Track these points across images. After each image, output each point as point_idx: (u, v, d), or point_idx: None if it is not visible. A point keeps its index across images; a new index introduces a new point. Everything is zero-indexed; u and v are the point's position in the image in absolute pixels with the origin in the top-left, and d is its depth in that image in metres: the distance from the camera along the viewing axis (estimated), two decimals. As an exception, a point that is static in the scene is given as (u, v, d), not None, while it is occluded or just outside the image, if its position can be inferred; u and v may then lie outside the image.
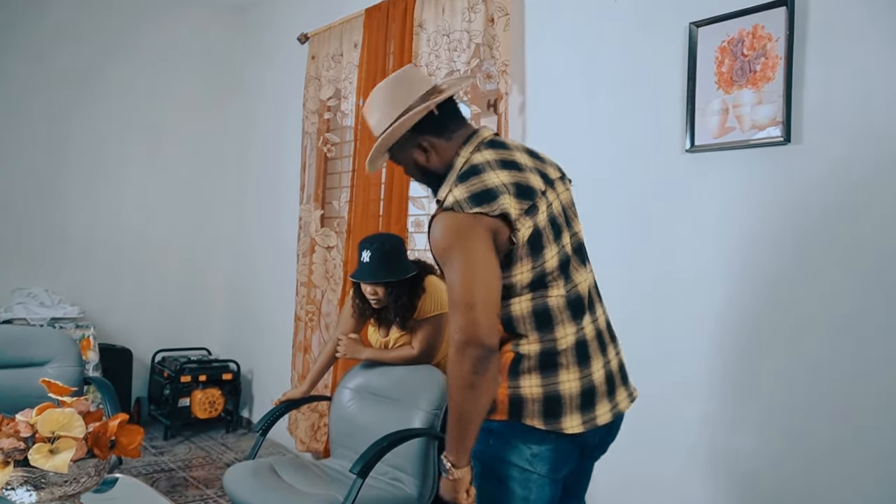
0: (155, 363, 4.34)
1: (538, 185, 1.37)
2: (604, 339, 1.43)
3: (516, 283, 1.32)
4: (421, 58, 3.01)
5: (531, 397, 1.32)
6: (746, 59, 1.92)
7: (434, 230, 1.33)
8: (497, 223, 1.28)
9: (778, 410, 1.85)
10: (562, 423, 1.32)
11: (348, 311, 2.53)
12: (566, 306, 1.36)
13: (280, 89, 4.20)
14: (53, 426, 1.53)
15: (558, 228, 1.39)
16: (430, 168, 1.43)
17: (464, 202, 1.28)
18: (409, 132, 1.40)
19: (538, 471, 1.33)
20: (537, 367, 1.33)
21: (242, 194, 4.59)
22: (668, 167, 2.10)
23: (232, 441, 4.08)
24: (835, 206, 1.75)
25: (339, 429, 2.39)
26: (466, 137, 1.42)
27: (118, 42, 4.23)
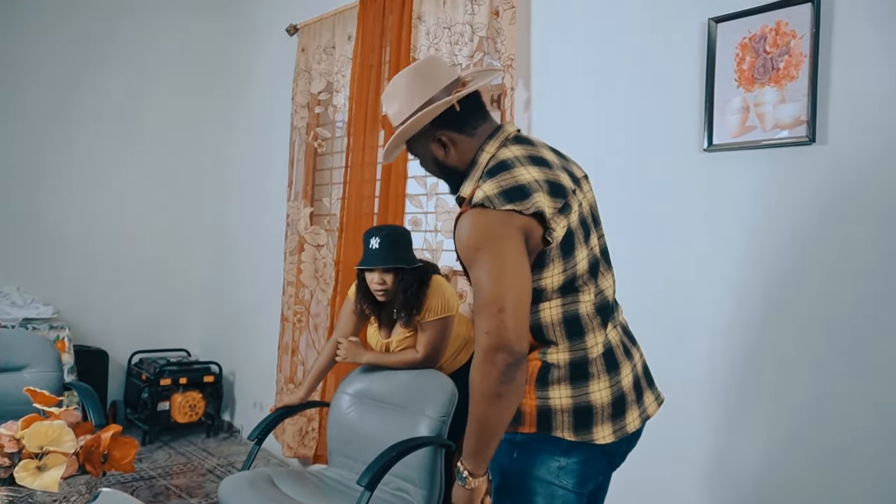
0: (132, 365, 4.17)
1: (568, 184, 1.30)
2: (626, 343, 1.38)
3: (546, 286, 1.25)
4: (420, 51, 2.91)
5: (560, 408, 1.26)
6: (769, 56, 1.87)
7: (461, 228, 1.24)
8: (530, 223, 1.20)
9: (788, 416, 1.81)
10: (593, 434, 1.26)
11: (348, 312, 2.43)
12: (595, 313, 1.30)
13: (266, 82, 4.07)
14: (42, 441, 1.40)
15: (587, 229, 1.33)
16: (448, 164, 1.36)
17: (495, 198, 1.19)
18: (428, 125, 1.33)
19: (565, 485, 1.26)
20: (567, 377, 1.26)
21: (225, 190, 4.43)
22: (685, 166, 2.05)
23: (213, 446, 3.93)
24: (862, 208, 1.71)
25: (338, 436, 2.29)
26: (490, 133, 1.35)
27: (96, 30, 4.05)
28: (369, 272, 2.22)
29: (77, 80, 4.00)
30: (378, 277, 2.19)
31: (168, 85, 4.35)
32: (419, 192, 2.90)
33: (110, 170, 4.16)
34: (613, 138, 2.24)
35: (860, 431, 1.69)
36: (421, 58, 2.89)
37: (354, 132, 3.20)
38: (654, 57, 2.14)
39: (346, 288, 3.15)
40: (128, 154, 4.22)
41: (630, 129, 2.20)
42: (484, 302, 1.18)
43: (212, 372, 4.11)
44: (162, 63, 4.32)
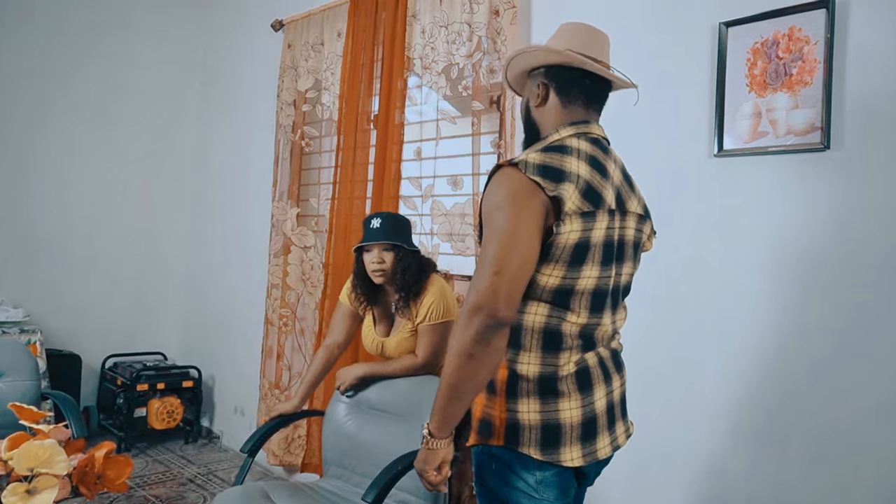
0: (105, 369, 4.01)
1: (609, 201, 1.27)
2: (608, 367, 1.32)
3: (540, 282, 1.22)
4: (415, 49, 2.84)
5: (528, 424, 1.23)
6: (781, 61, 1.85)
7: (493, 182, 1.22)
8: (549, 206, 1.19)
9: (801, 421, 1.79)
10: (560, 455, 1.22)
11: (340, 315, 2.36)
12: (579, 336, 1.26)
13: (250, 79, 3.94)
14: (32, 462, 1.30)
15: (610, 256, 1.28)
16: (532, 115, 1.39)
17: (531, 166, 1.19)
18: (546, 67, 1.36)
19: (546, 497, 1.24)
20: (536, 391, 1.23)
21: (205, 189, 4.30)
22: (695, 171, 2.02)
23: (192, 453, 3.81)
24: (877, 217, 1.69)
25: (334, 446, 2.21)
26: (575, 121, 1.34)
27: (74, 26, 3.89)
28: (368, 252, 2.17)
29: (51, 77, 3.84)
30: (377, 256, 2.14)
31: (145, 81, 4.20)
32: (414, 194, 2.83)
33: (83, 167, 3.99)
34: (620, 142, 2.19)
35: (879, 442, 1.68)
36: (416, 56, 2.82)
37: (345, 131, 3.11)
38: (663, 60, 2.11)
39: (336, 291, 3.07)
40: (102, 151, 4.06)
41: (637, 133, 2.15)
42: (484, 260, 1.17)
43: (191, 377, 3.97)
44: (139, 59, 4.17)
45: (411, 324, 2.18)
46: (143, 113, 4.20)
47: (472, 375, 1.16)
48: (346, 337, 2.37)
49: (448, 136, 2.81)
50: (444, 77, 2.73)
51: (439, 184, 2.80)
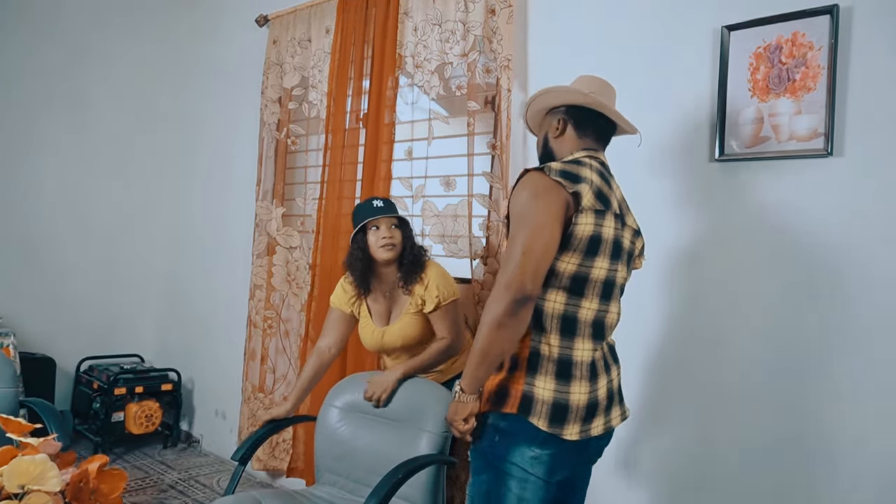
0: (80, 373, 3.89)
1: (615, 208, 1.48)
2: (608, 360, 1.53)
3: (560, 269, 1.41)
4: (407, 47, 2.79)
5: (542, 399, 1.40)
6: (784, 66, 1.85)
7: (520, 184, 1.43)
8: (569, 200, 1.39)
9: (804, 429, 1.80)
10: (563, 430, 1.40)
11: (334, 318, 2.31)
12: (591, 323, 1.45)
13: (232, 75, 3.85)
14: (23, 479, 1.23)
15: (618, 254, 1.48)
16: (550, 145, 1.61)
17: (553, 170, 1.40)
18: (566, 106, 1.59)
19: (536, 473, 1.41)
20: (554, 372, 1.42)
21: (185, 188, 4.18)
22: (696, 176, 2.01)
23: (172, 458, 3.71)
24: (881, 224, 1.70)
25: (327, 452, 2.15)
26: (586, 148, 1.57)
27: (50, 17, 3.75)
28: (374, 230, 2.13)
29: (23, 67, 3.69)
30: (386, 231, 2.12)
31: (123, 78, 4.07)
32: (405, 195, 2.79)
33: (55, 165, 3.86)
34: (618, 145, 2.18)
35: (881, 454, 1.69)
36: (408, 54, 2.78)
37: (333, 130, 3.05)
38: (664, 63, 2.10)
39: (324, 292, 3.01)
40: (76, 149, 3.92)
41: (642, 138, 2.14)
42: (514, 245, 1.36)
43: (170, 380, 3.87)
44: (117, 50, 4.04)
45: (414, 306, 2.14)
46: (121, 110, 4.07)
47: (501, 342, 1.36)
48: (338, 341, 2.32)
49: (441, 135, 2.77)
50: (436, 76, 2.69)
51: (431, 184, 2.76)
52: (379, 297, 2.24)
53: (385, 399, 2.06)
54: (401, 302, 2.20)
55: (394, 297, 2.22)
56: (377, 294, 2.24)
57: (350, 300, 2.27)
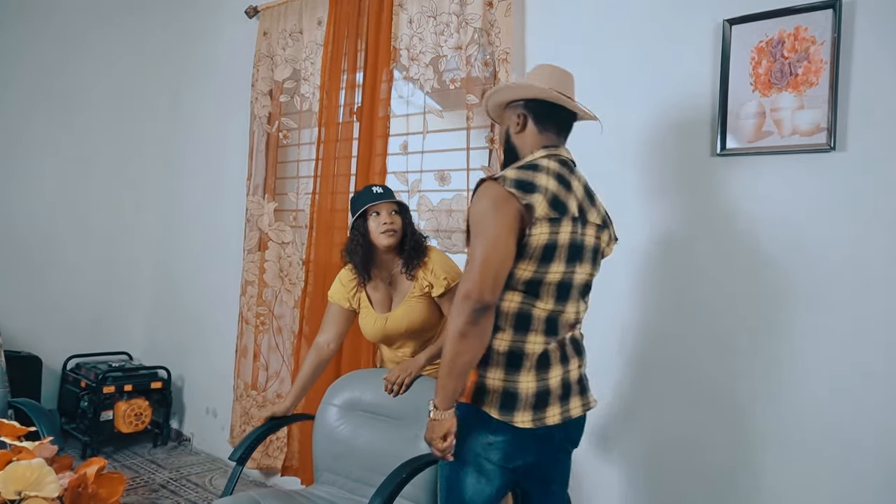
0: (67, 371, 3.81)
1: (572, 211, 1.50)
2: (567, 351, 1.55)
3: (516, 275, 1.46)
4: (401, 40, 2.76)
5: (493, 388, 1.47)
6: (787, 61, 1.84)
7: (477, 193, 1.47)
8: (522, 211, 1.42)
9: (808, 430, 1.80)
10: (514, 417, 1.46)
11: (334, 312, 2.26)
12: (545, 320, 1.49)
13: (221, 67, 3.78)
14: (19, 485, 1.19)
15: (574, 255, 1.51)
16: (511, 140, 1.62)
17: (507, 180, 1.44)
18: (524, 100, 1.59)
19: (491, 459, 1.48)
20: (504, 363, 1.47)
21: (174, 182, 4.11)
22: (697, 170, 2.00)
23: (162, 457, 3.66)
24: (884, 218, 1.70)
25: (326, 452, 2.12)
26: (548, 145, 1.58)
27: (36, 15, 3.65)
28: (375, 216, 2.09)
29: (11, 65, 3.60)
30: (387, 217, 2.08)
31: (107, 66, 3.99)
32: (400, 189, 2.75)
33: (42, 160, 3.77)
34: (619, 140, 2.17)
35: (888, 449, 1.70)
36: (403, 47, 2.74)
37: (326, 123, 3.01)
38: (665, 57, 2.08)
39: (318, 288, 2.98)
40: (61, 143, 3.84)
41: (638, 131, 2.13)
42: (473, 257, 1.42)
43: (159, 377, 3.81)
44: (106, 45, 3.96)
45: (419, 289, 2.10)
46: (108, 105, 3.99)
47: (466, 352, 1.41)
48: (337, 336, 2.27)
49: (436, 129, 2.74)
50: (431, 69, 2.66)
51: (426, 179, 2.73)
52: (379, 286, 2.19)
53: (408, 383, 2.03)
54: (402, 288, 2.15)
55: (395, 284, 2.17)
56: (377, 282, 2.19)
57: (349, 293, 2.22)
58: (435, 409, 1.46)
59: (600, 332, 1.96)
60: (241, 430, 3.38)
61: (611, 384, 2.14)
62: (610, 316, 2.12)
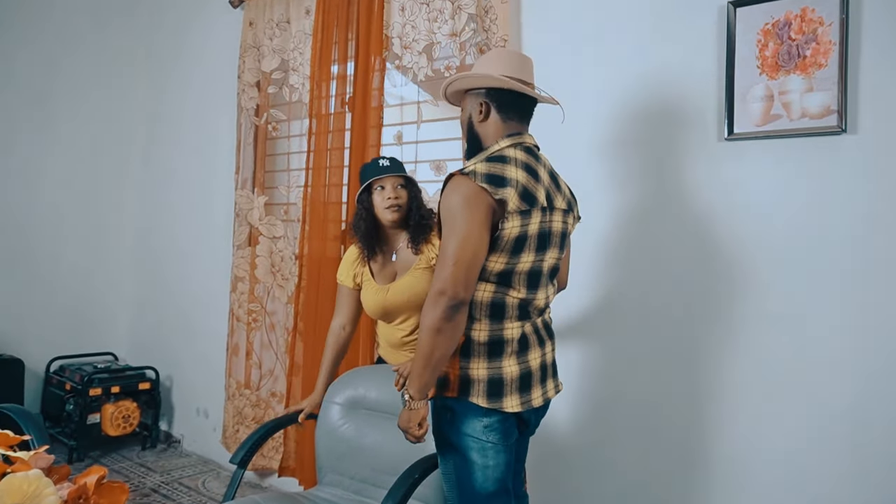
0: (51, 373, 3.71)
1: (541, 200, 1.52)
2: (541, 335, 1.60)
3: (488, 268, 1.48)
4: (393, 28, 2.69)
5: (478, 378, 1.50)
6: (794, 43, 1.81)
7: (447, 188, 1.47)
8: (494, 206, 1.44)
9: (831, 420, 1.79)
10: (503, 403, 1.50)
11: (346, 293, 2.18)
12: (518, 307, 1.53)
13: (205, 59, 3.68)
14: (17, 497, 1.11)
15: (543, 244, 1.54)
16: (475, 129, 1.61)
17: (479, 175, 1.44)
18: (486, 89, 1.58)
19: (492, 440, 1.51)
20: (486, 352, 1.50)
21: (158, 177, 4.00)
22: (704, 156, 1.97)
23: (151, 460, 3.57)
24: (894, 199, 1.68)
25: (329, 452, 2.06)
26: (513, 133, 1.58)
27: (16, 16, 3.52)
28: (380, 190, 2.03)
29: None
30: (392, 191, 2.02)
31: (88, 59, 3.86)
32: (396, 181, 2.68)
33: (22, 158, 3.65)
34: (622, 127, 2.13)
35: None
36: (395, 35, 2.68)
37: (317, 114, 2.93)
38: (669, 41, 2.04)
39: (312, 282, 2.91)
40: (37, 137, 3.72)
41: (641, 117, 2.09)
42: (445, 254, 1.42)
43: (147, 378, 3.72)
44: (84, 36, 3.83)
45: (425, 261, 2.03)
46: (86, 97, 3.87)
47: (440, 346, 1.43)
48: (352, 319, 2.20)
49: (431, 119, 2.68)
50: (424, 56, 2.60)
51: (422, 169, 2.67)
52: (384, 260, 2.12)
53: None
54: (406, 263, 2.08)
55: (400, 258, 2.10)
56: (382, 256, 2.12)
57: (353, 270, 2.14)
58: (411, 400, 1.50)
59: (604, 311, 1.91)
60: (233, 431, 3.31)
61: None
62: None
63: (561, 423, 2.22)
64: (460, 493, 1.55)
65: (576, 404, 2.20)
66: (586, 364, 2.20)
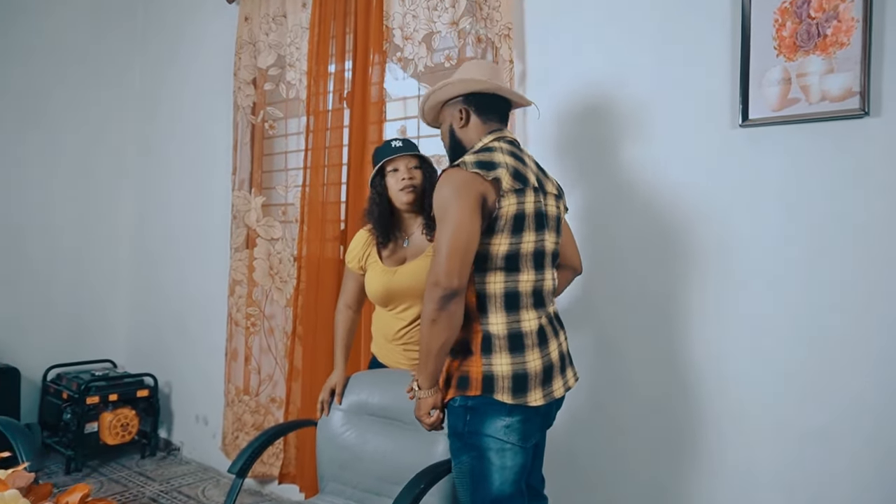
0: (48, 382, 3.63)
1: (532, 181, 1.56)
2: (555, 325, 1.62)
3: (493, 252, 1.49)
4: (394, 18, 2.60)
5: (502, 374, 1.48)
6: (814, 21, 1.72)
7: (440, 182, 1.50)
8: (488, 187, 1.47)
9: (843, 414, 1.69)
10: (528, 397, 1.49)
11: (352, 276, 2.08)
12: (531, 293, 1.54)
13: (202, 57, 3.60)
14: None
15: (541, 224, 1.56)
16: (457, 135, 1.66)
17: (468, 163, 1.48)
18: (463, 97, 1.64)
19: (512, 440, 1.49)
20: (507, 347, 1.50)
21: (153, 178, 3.92)
22: (718, 143, 1.88)
23: (151, 468, 3.49)
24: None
25: (331, 460, 1.98)
26: (494, 130, 1.63)
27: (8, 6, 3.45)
28: (393, 172, 1.94)
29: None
30: (406, 172, 1.93)
31: (79, 60, 3.78)
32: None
33: (14, 160, 3.57)
34: (629, 114, 2.04)
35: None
36: (396, 26, 2.59)
37: (315, 111, 2.85)
38: (678, 23, 1.95)
39: (311, 285, 2.83)
40: (30, 139, 3.64)
41: (650, 104, 2.00)
42: (439, 244, 1.44)
43: (146, 385, 3.64)
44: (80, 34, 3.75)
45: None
46: (79, 99, 3.79)
47: (439, 336, 1.45)
48: (357, 300, 2.12)
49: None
50: (424, 46, 2.51)
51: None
52: (395, 246, 2.01)
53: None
54: (418, 248, 1.98)
55: (412, 243, 2.00)
56: (394, 243, 2.01)
57: (360, 253, 2.03)
58: (419, 390, 1.53)
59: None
60: (233, 437, 3.22)
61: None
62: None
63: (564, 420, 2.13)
64: (474, 495, 1.52)
65: (589, 399, 2.11)
66: (599, 361, 2.11)
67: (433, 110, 1.73)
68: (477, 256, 1.48)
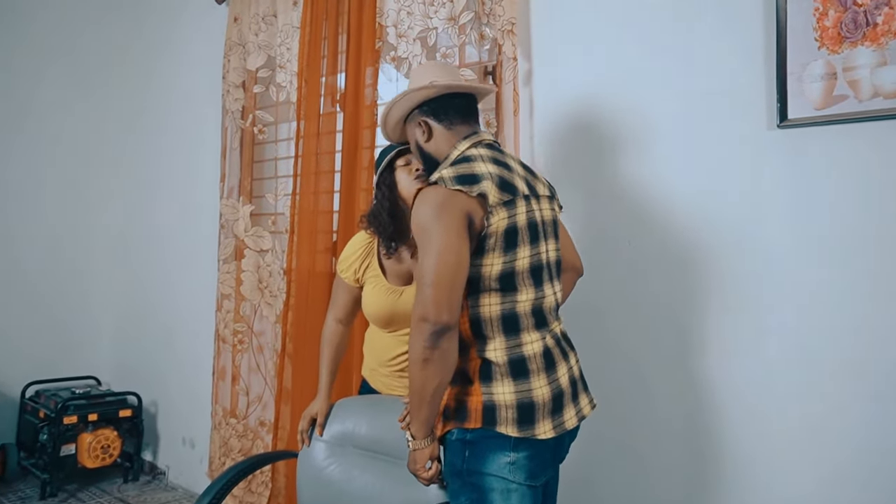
0: (26, 400, 3.43)
1: (522, 188, 1.40)
2: (563, 347, 1.46)
3: (485, 274, 1.34)
4: (388, 16, 2.42)
5: (504, 404, 1.33)
6: (861, 8, 1.51)
7: (416, 203, 1.35)
8: (473, 204, 1.31)
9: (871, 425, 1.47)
10: (535, 429, 1.33)
11: (344, 286, 1.83)
12: (532, 313, 1.39)
13: (190, 60, 3.42)
14: None
15: (536, 235, 1.41)
16: (425, 150, 1.51)
17: (448, 180, 1.32)
18: (416, 110, 1.50)
19: (517, 479, 1.33)
20: (509, 373, 1.34)
21: (139, 187, 3.74)
22: (753, 147, 1.67)
23: (134, 494, 3.28)
24: None
25: (312, 497, 1.77)
26: (467, 135, 1.47)
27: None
28: (404, 167, 1.73)
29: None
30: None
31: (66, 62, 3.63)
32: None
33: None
34: (649, 116, 1.84)
35: None
36: (390, 24, 2.41)
37: (306, 115, 2.66)
38: (702, 15, 1.75)
39: (301, 299, 2.63)
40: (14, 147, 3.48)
41: (674, 105, 1.80)
42: (422, 274, 1.28)
43: (129, 404, 3.44)
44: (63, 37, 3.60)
45: None
46: (66, 106, 3.63)
47: (432, 378, 1.28)
48: (352, 304, 1.86)
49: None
50: (419, 44, 2.33)
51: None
52: (402, 256, 1.77)
53: None
54: None
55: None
56: (401, 253, 1.77)
57: (356, 263, 1.80)
58: (413, 440, 1.38)
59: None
60: (220, 463, 3.01)
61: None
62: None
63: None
64: None
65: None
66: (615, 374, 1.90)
67: (396, 131, 1.59)
68: (467, 279, 1.31)
